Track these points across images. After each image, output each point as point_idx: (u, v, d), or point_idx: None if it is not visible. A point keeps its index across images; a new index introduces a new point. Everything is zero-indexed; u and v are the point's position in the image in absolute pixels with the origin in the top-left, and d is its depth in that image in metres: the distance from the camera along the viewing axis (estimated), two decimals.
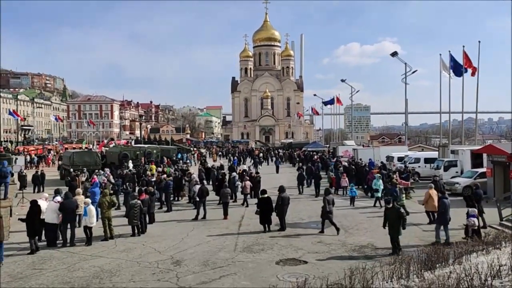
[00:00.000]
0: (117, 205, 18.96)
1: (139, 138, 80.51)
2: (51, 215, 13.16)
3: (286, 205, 15.11)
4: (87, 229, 13.25)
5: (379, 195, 19.28)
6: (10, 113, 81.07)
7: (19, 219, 13.31)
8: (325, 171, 29.79)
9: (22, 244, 12.77)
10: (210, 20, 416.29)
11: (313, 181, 25.07)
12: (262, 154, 53.28)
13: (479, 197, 14.97)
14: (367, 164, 28.94)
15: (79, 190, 17.44)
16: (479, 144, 37.95)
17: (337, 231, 14.07)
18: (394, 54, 40.52)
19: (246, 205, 19.80)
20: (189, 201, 20.61)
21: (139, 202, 14.56)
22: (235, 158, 44.22)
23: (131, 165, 30.32)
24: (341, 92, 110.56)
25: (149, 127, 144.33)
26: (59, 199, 14.10)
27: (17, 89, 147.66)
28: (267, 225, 14.64)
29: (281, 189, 15.54)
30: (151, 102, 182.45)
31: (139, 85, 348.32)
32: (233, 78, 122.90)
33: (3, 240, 11.38)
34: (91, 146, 60.76)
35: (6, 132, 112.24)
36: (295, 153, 50.82)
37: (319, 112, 79.79)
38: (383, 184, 19.92)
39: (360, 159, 32.34)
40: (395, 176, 22.41)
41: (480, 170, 22.53)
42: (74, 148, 55.31)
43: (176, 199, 21.55)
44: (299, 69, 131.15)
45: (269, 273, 10.16)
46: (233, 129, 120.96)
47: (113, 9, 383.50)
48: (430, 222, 15.12)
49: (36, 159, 43.19)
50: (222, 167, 28.70)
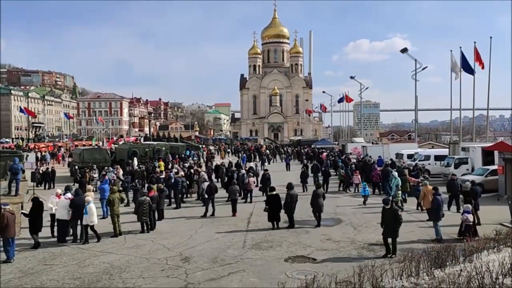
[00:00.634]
0: (126, 201, 19.20)
1: (148, 135, 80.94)
2: (61, 211, 13.29)
3: (294, 202, 15.10)
4: (88, 228, 13.07)
5: (400, 193, 19.03)
6: (21, 111, 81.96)
7: (22, 213, 13.48)
8: (333, 168, 29.70)
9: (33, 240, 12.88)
10: (219, 17, 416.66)
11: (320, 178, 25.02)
12: (270, 151, 53.22)
13: (476, 194, 15.13)
14: (376, 161, 28.76)
15: (90, 187, 17.60)
16: (491, 141, 37.54)
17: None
18: (404, 50, 40.22)
19: (250, 201, 19.93)
20: (197, 198, 20.68)
21: (148, 199, 14.64)
22: (244, 155, 44.25)
23: (136, 162, 30.41)
24: (350, 89, 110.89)
25: (158, 124, 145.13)
26: (69, 196, 14.23)
27: (28, 87, 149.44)
28: (275, 222, 14.63)
29: (290, 187, 15.53)
30: (160, 99, 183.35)
31: (148, 83, 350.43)
32: (242, 75, 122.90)
33: (15, 236, 11.53)
34: (101, 143, 61.19)
35: (17, 129, 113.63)
36: (303, 151, 50.70)
37: (328, 109, 79.54)
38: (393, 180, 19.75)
39: (369, 157, 32.12)
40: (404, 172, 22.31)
41: (491, 167, 22.27)
42: (84, 145, 55.76)
43: (186, 195, 21.41)
44: (308, 66, 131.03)
45: (277, 270, 10.15)
46: (242, 126, 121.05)
47: (123, 6, 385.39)
48: (429, 219, 15.11)
49: (48, 156, 43.61)
50: (232, 164, 28.63)
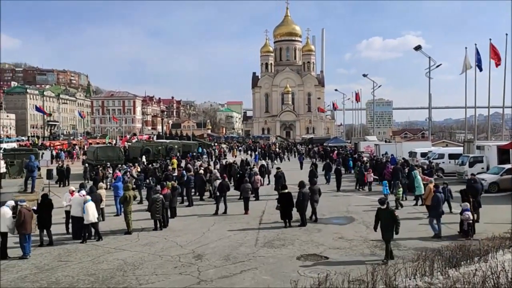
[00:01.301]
0: (139, 199, 19.38)
1: (161, 133, 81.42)
2: (76, 208, 13.44)
3: (306, 201, 15.06)
4: (87, 227, 13.02)
5: (400, 190, 18.95)
6: (36, 109, 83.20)
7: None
8: (343, 167, 29.57)
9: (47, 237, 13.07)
10: (231, 15, 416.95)
11: (331, 177, 25.01)
12: (281, 149, 53.12)
13: (477, 191, 14.99)
14: (389, 159, 28.52)
15: (102, 184, 17.80)
16: (506, 139, 36.88)
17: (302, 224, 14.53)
18: (417, 48, 39.83)
19: (256, 198, 19.95)
20: (210, 196, 20.75)
21: (161, 196, 14.75)
22: (256, 153, 44.26)
23: (144, 160, 30.59)
24: (363, 87, 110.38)
25: (170, 122, 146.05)
26: (83, 193, 14.40)
27: (43, 86, 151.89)
28: (287, 221, 14.62)
29: (302, 185, 15.49)
30: (173, 97, 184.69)
31: (161, 81, 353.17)
32: (254, 73, 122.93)
33: (31, 232, 11.72)
34: (114, 141, 61.81)
35: (33, 127, 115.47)
36: (315, 149, 50.53)
37: (340, 107, 79.11)
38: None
39: (382, 155, 31.88)
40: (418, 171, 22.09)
41: (507, 166, 21.91)
42: (98, 143, 56.44)
43: (201, 198, 20.80)
44: (320, 64, 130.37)
45: (290, 268, 10.14)
46: (254, 124, 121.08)
47: (136, 6, 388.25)
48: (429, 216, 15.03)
49: (63, 154, 44.22)
50: (244, 163, 28.61)
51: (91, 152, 33.36)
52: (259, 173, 23.21)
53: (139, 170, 24.37)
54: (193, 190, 20.52)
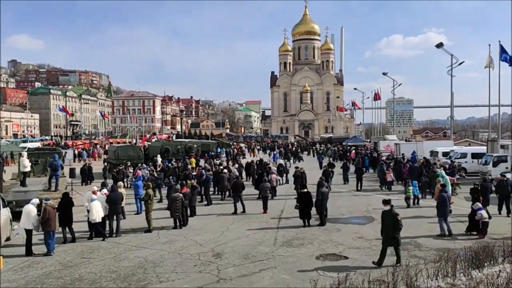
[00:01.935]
0: (159, 198, 19.63)
1: (180, 133, 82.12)
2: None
3: (325, 200, 15.00)
4: (93, 226, 13.22)
5: (411, 189, 18.70)
6: (59, 109, 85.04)
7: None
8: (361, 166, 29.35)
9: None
10: (249, 15, 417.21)
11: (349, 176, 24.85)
12: (299, 149, 52.91)
13: (486, 190, 15.40)
14: (410, 159, 28.12)
15: (121, 183, 18.08)
16: None
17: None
18: (439, 45, 39.16)
19: (271, 197, 19.89)
20: (228, 195, 20.84)
21: (181, 195, 14.88)
22: (275, 152, 44.21)
23: (159, 159, 30.81)
24: (383, 85, 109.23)
25: (189, 122, 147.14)
26: (105, 191, 14.67)
27: (66, 86, 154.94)
28: (306, 220, 14.58)
29: (320, 184, 15.43)
30: (192, 97, 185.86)
31: (180, 81, 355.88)
32: (272, 72, 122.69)
33: (55, 230, 12.00)
34: (134, 140, 62.65)
35: (56, 127, 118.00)
36: (333, 148, 50.17)
37: (360, 106, 78.30)
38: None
39: (411, 155, 31.19)
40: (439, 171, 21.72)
41: None
42: (118, 142, 57.30)
43: (223, 197, 20.72)
44: (339, 62, 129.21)
45: (309, 267, 10.12)
46: (272, 123, 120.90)
47: (155, 6, 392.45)
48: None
49: (84, 153, 45.08)
50: (262, 162, 28.63)
51: (112, 151, 33.90)
52: (277, 172, 23.23)
53: (157, 170, 24.65)
54: (211, 189, 20.66)
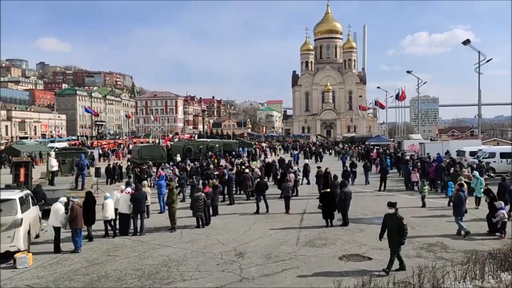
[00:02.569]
0: (182, 197, 19.82)
1: (202, 132, 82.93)
2: (123, 205, 13.95)
3: (348, 200, 14.84)
4: (107, 223, 13.55)
5: (426, 188, 18.34)
6: (85, 110, 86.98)
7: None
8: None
9: (98, 231, 13.65)
10: (271, 14, 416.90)
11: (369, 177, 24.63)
12: (321, 148, 52.53)
13: (505, 189, 15.12)
14: (435, 158, 27.55)
15: (145, 182, 18.34)
16: None
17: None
18: (466, 42, 38.23)
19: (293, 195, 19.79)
20: (251, 195, 20.86)
21: (203, 195, 14.98)
22: (296, 152, 44.05)
23: (179, 158, 31.08)
24: (407, 84, 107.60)
25: (211, 121, 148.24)
26: (129, 190, 14.91)
27: (91, 87, 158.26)
28: (329, 220, 14.47)
29: (343, 184, 15.27)
30: (213, 97, 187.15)
31: (201, 81, 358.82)
32: (294, 72, 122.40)
33: (82, 227, 12.27)
34: (157, 140, 63.52)
35: (82, 127, 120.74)
36: (354, 148, 49.64)
37: (384, 105, 77.19)
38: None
39: (445, 154, 30.51)
40: (466, 171, 21.22)
41: None
42: (141, 142, 58.17)
43: (247, 197, 20.65)
44: (362, 61, 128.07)
45: (332, 268, 10.03)
46: (294, 123, 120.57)
47: (178, 6, 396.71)
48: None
49: (109, 153, 45.97)
50: (284, 162, 28.60)
51: (135, 151, 34.47)
52: (303, 172, 23.27)
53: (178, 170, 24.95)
54: (234, 188, 20.73)
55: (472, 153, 29.27)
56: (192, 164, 27.48)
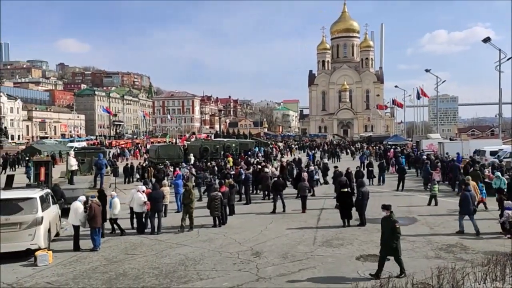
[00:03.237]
0: (199, 196, 19.93)
1: (219, 132, 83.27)
2: (137, 205, 14.09)
3: (366, 200, 14.71)
4: (112, 221, 13.74)
5: (436, 187, 18.08)
6: (103, 110, 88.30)
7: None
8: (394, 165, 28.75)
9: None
10: (287, 13, 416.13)
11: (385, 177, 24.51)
12: (338, 147, 52.15)
13: None
14: (455, 158, 27.08)
15: (165, 182, 18.49)
16: None
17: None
18: (486, 40, 37.51)
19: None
20: (267, 194, 20.84)
21: (220, 194, 15.03)
22: (312, 152, 43.82)
23: (192, 158, 31.16)
24: (426, 82, 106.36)
25: (228, 121, 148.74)
26: (144, 189, 15.01)
27: (109, 88, 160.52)
28: (346, 220, 14.36)
29: (361, 184, 15.15)
30: (230, 97, 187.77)
31: (218, 81, 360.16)
32: (310, 71, 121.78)
33: (100, 226, 12.44)
34: (174, 140, 64.06)
35: (100, 127, 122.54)
36: (371, 147, 49.13)
37: (402, 104, 76.19)
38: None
39: (473, 154, 29.93)
40: (486, 171, 20.83)
41: None
42: (159, 142, 58.74)
43: (264, 197, 20.55)
44: (379, 60, 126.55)
45: (349, 268, 9.95)
46: (310, 122, 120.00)
47: (194, 7, 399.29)
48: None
49: (127, 152, 46.54)
50: (301, 161, 28.51)
51: (153, 150, 34.79)
52: (322, 171, 23.27)
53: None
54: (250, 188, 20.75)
55: (492, 153, 28.70)
56: (208, 163, 27.58)
